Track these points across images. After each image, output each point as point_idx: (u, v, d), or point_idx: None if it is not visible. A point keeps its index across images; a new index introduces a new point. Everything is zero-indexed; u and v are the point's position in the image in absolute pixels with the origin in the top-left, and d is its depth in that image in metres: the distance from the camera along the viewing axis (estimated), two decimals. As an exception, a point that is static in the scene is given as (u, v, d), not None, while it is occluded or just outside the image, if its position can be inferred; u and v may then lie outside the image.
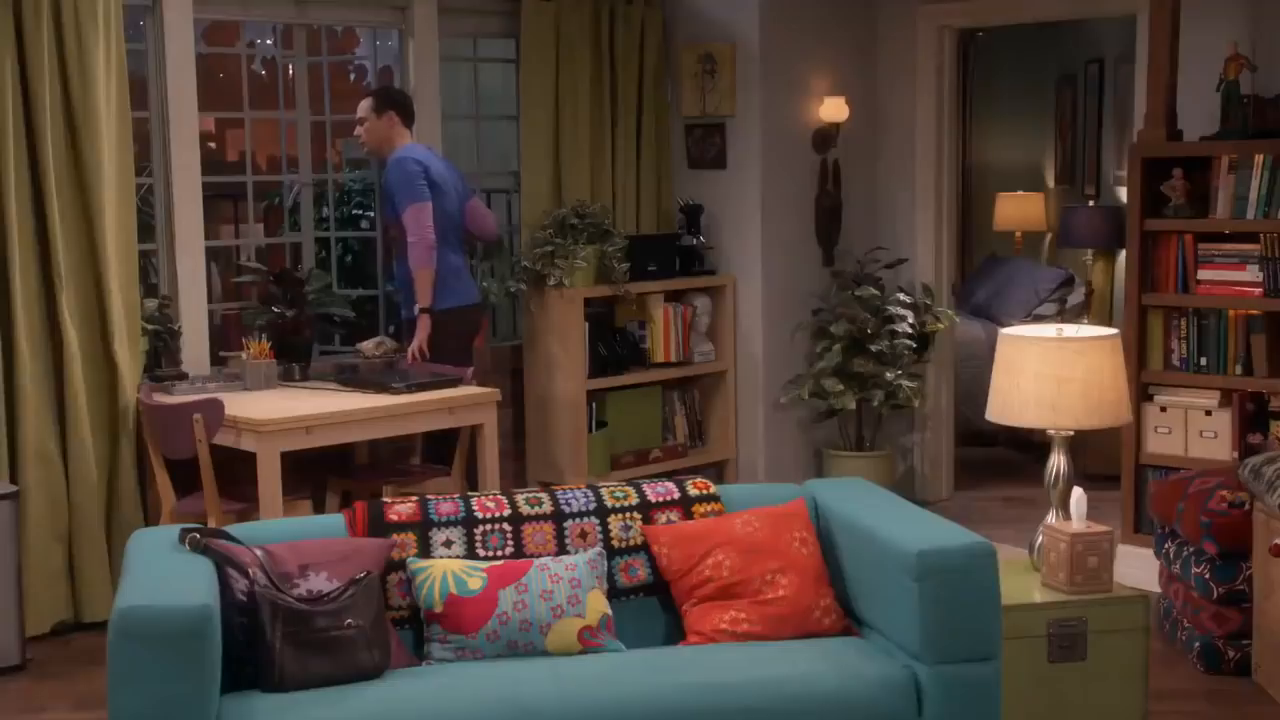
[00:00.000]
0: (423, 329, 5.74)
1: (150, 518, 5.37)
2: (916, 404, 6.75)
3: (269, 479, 4.92)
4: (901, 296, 6.78)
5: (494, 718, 3.18)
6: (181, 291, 5.70)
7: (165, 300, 5.66)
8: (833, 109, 6.85)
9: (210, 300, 5.91)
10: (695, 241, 6.82)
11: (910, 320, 6.73)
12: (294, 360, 5.79)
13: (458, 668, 3.45)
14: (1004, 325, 8.06)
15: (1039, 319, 8.42)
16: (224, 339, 6.29)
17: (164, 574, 3.26)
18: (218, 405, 4.97)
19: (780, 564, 3.67)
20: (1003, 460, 7.88)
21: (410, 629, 3.61)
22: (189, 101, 5.67)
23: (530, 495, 3.81)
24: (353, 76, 10.13)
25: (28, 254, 5.13)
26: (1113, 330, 3.93)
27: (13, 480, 5.11)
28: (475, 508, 3.75)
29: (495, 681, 3.30)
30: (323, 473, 5.65)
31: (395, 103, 5.91)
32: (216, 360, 5.83)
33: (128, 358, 5.35)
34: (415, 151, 5.81)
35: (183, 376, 5.57)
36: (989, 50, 10.03)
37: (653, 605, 3.76)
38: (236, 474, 5.14)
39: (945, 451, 7.23)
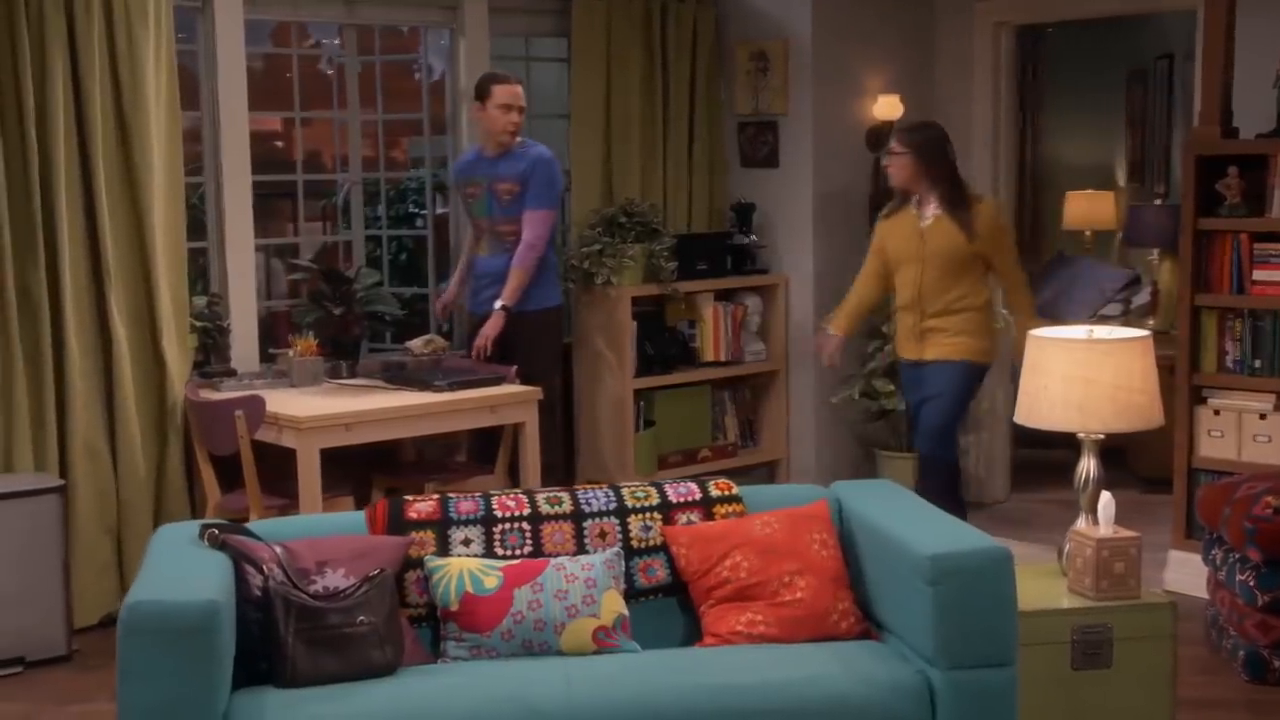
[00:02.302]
0: (497, 324, 5.71)
1: (197, 512, 5.44)
2: (969, 404, 6.65)
3: (308, 475, 4.97)
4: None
5: (501, 716, 3.18)
6: (231, 289, 5.77)
7: (215, 298, 5.74)
8: (886, 107, 6.79)
9: (270, 297, 5.99)
10: (747, 240, 6.79)
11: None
12: (343, 358, 5.85)
13: (470, 666, 3.46)
14: (1067, 326, 7.97)
15: (1104, 320, 8.29)
16: (275, 336, 6.35)
17: (178, 569, 3.30)
18: (259, 402, 5.03)
19: (798, 566, 3.65)
20: (1062, 463, 7.74)
21: (428, 627, 3.62)
22: (239, 101, 5.74)
23: (551, 495, 3.82)
24: (417, 76, 10.20)
25: (78, 251, 5.21)
26: (1143, 332, 3.86)
27: (62, 474, 5.20)
28: (495, 507, 3.76)
29: (505, 680, 3.30)
30: (368, 470, 5.69)
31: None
32: (267, 357, 5.89)
33: (176, 354, 5.43)
34: (548, 153, 5.81)
35: (231, 373, 5.64)
36: (1059, 46, 9.90)
37: (672, 606, 3.75)
38: (282, 470, 5.19)
39: (1001, 453, 7.15)
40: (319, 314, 5.86)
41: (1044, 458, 7.76)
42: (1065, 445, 7.72)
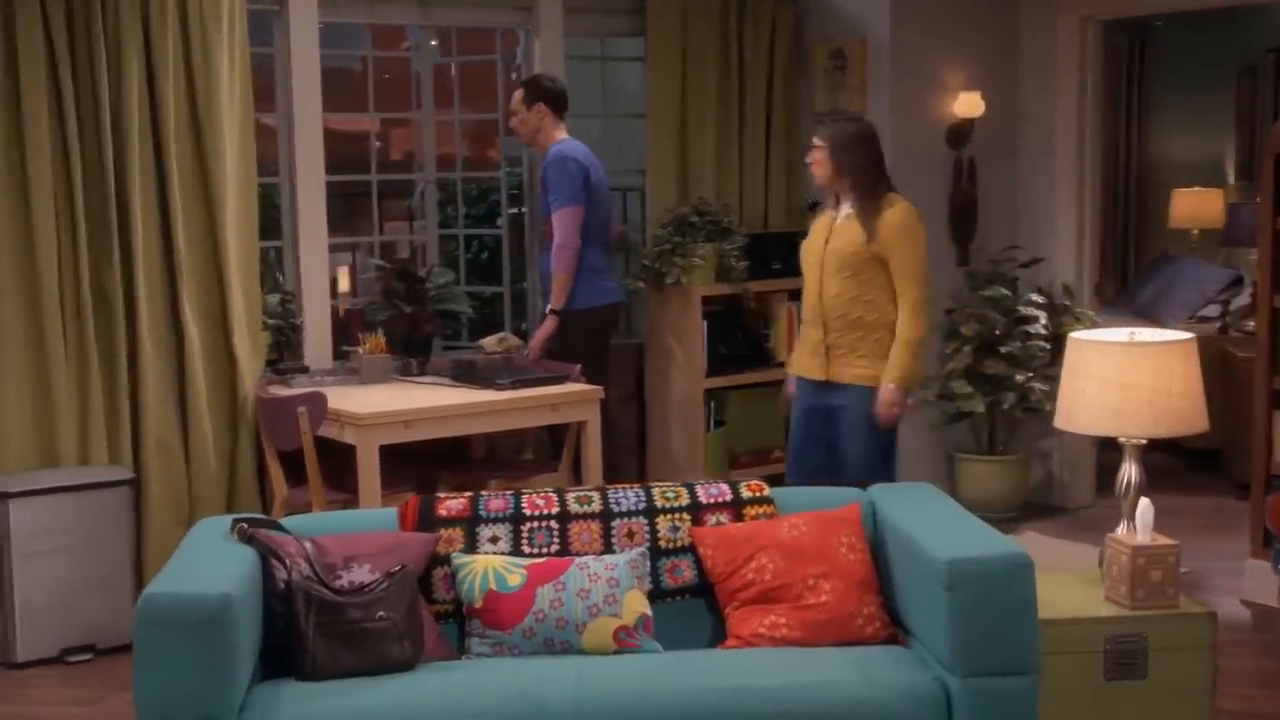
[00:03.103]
0: (547, 327, 5.79)
1: (267, 506, 5.55)
2: (1049, 407, 6.53)
3: (367, 471, 5.04)
4: (1034, 297, 6.58)
5: (509, 713, 3.20)
6: (305, 287, 5.88)
7: (288, 296, 5.85)
8: (968, 104, 6.70)
9: (355, 295, 6.08)
10: (824, 240, 6.72)
11: (1043, 321, 6.53)
12: (414, 355, 5.92)
13: (488, 663, 3.49)
14: (1166, 328, 7.79)
15: (1204, 321, 8.09)
16: (349, 334, 6.45)
17: (202, 562, 3.38)
18: (320, 399, 5.12)
19: (824, 569, 3.62)
20: (1154, 467, 7.57)
21: (454, 623, 3.66)
22: (313, 102, 5.84)
23: (581, 494, 3.83)
24: (514, 75, 10.30)
25: (151, 251, 5.35)
26: (1187, 335, 3.76)
27: (136, 468, 5.34)
28: (524, 505, 3.79)
29: (518, 678, 3.32)
30: (438, 466, 5.75)
31: (545, 94, 5.94)
32: (341, 355, 5.99)
33: (247, 351, 5.54)
34: (578, 151, 5.86)
35: (304, 370, 5.74)
36: (1167, 40, 9.68)
37: (698, 607, 3.74)
38: (348, 466, 5.26)
39: (1086, 457, 7.00)
40: (391, 312, 5.94)
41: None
42: (1155, 449, 7.65)
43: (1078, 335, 3.82)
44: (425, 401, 5.28)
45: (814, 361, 4.94)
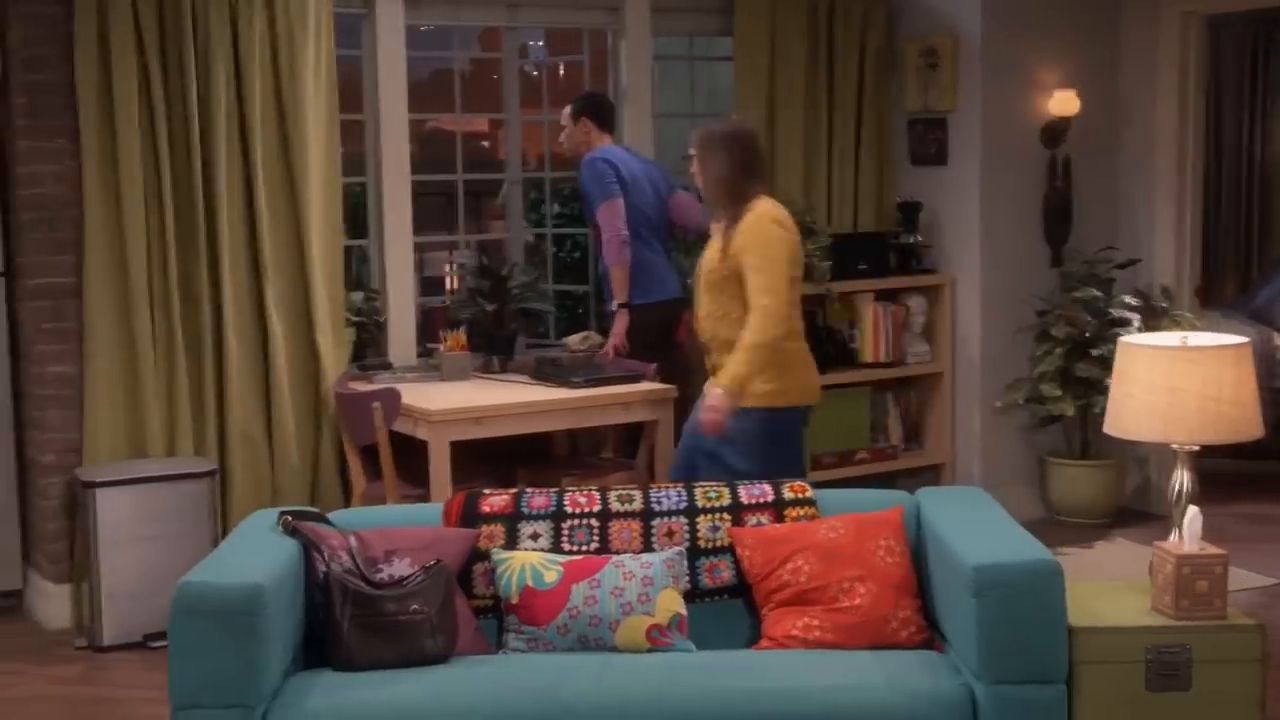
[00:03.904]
0: (619, 324, 5.84)
1: (348, 499, 5.66)
2: (1142, 412, 6.39)
3: (439, 466, 5.12)
4: (1128, 299, 6.44)
5: (529, 708, 3.24)
6: (390, 285, 5.99)
7: (373, 293, 5.96)
8: (1063, 102, 6.58)
9: (448, 292, 6.19)
10: (912, 240, 6.67)
11: (1138, 324, 6.39)
12: (496, 353, 6.00)
13: (518, 658, 3.53)
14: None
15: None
16: (434, 331, 6.55)
17: (241, 553, 3.47)
18: (394, 394, 5.21)
19: (860, 572, 3.60)
20: (1256, 473, 7.38)
21: (493, 618, 3.71)
22: (399, 103, 5.95)
23: (623, 492, 3.86)
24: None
25: (237, 249, 5.50)
26: (1241, 339, 3.66)
27: (221, 460, 5.49)
28: (566, 503, 3.83)
29: (544, 674, 3.36)
30: (516, 462, 5.82)
31: (591, 108, 6.03)
32: (425, 352, 6.09)
33: (330, 347, 5.66)
34: (606, 151, 5.91)
35: (387, 366, 5.85)
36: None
37: (736, 608, 3.75)
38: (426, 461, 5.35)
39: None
40: (474, 310, 6.02)
41: (1234, 468, 7.40)
42: (1259, 455, 7.44)
43: (1127, 339, 3.74)
44: (498, 399, 5.35)
45: (710, 385, 4.68)
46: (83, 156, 5.30)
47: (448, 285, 8.23)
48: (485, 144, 10.55)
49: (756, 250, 4.49)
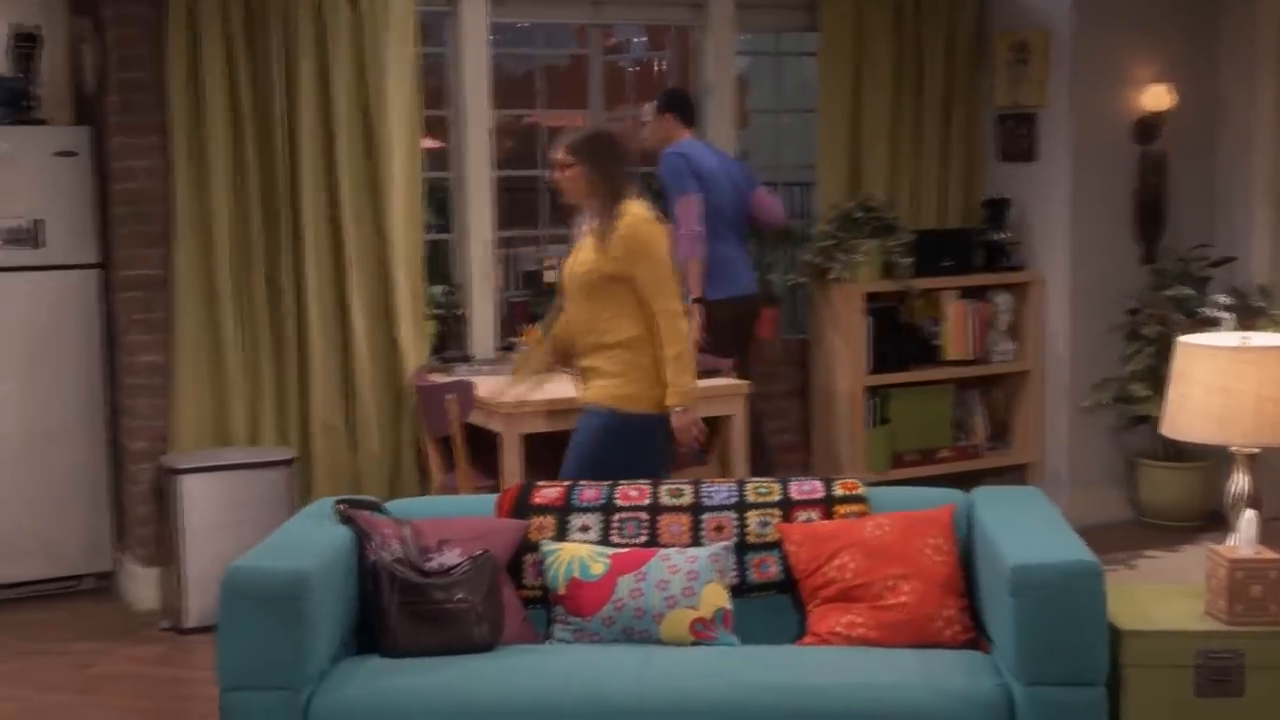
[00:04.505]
0: (694, 319, 5.85)
1: (426, 488, 5.75)
2: (1234, 413, 6.25)
3: (511, 458, 5.18)
4: (1221, 298, 6.30)
5: (568, 699, 3.27)
6: (472, 280, 6.07)
7: (453, 288, 6.05)
8: (1157, 97, 6.46)
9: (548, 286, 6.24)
10: (1000, 237, 6.59)
11: (1231, 323, 6.24)
12: (576, 347, 6.04)
13: (562, 649, 3.57)
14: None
15: None
16: (514, 325, 6.62)
17: (293, 540, 3.56)
18: (468, 387, 5.29)
19: (905, 570, 3.59)
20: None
21: (542, 608, 3.76)
22: (481, 100, 6.03)
23: (673, 487, 3.89)
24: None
25: (320, 243, 5.61)
26: (1300, 340, 3.58)
27: (303, 450, 5.62)
28: (617, 496, 3.86)
29: (585, 666, 3.40)
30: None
31: (674, 103, 6.05)
32: (506, 346, 6.16)
33: (411, 340, 5.76)
34: (683, 146, 5.93)
35: (466, 359, 5.94)
36: None
37: (784, 603, 3.75)
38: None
39: (1282, 466, 6.66)
40: (552, 304, 6.07)
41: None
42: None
43: (1186, 339, 3.67)
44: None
45: (580, 387, 4.74)
46: (172, 152, 5.45)
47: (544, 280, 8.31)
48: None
49: (646, 256, 4.48)
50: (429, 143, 6.51)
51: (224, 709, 3.29)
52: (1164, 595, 3.71)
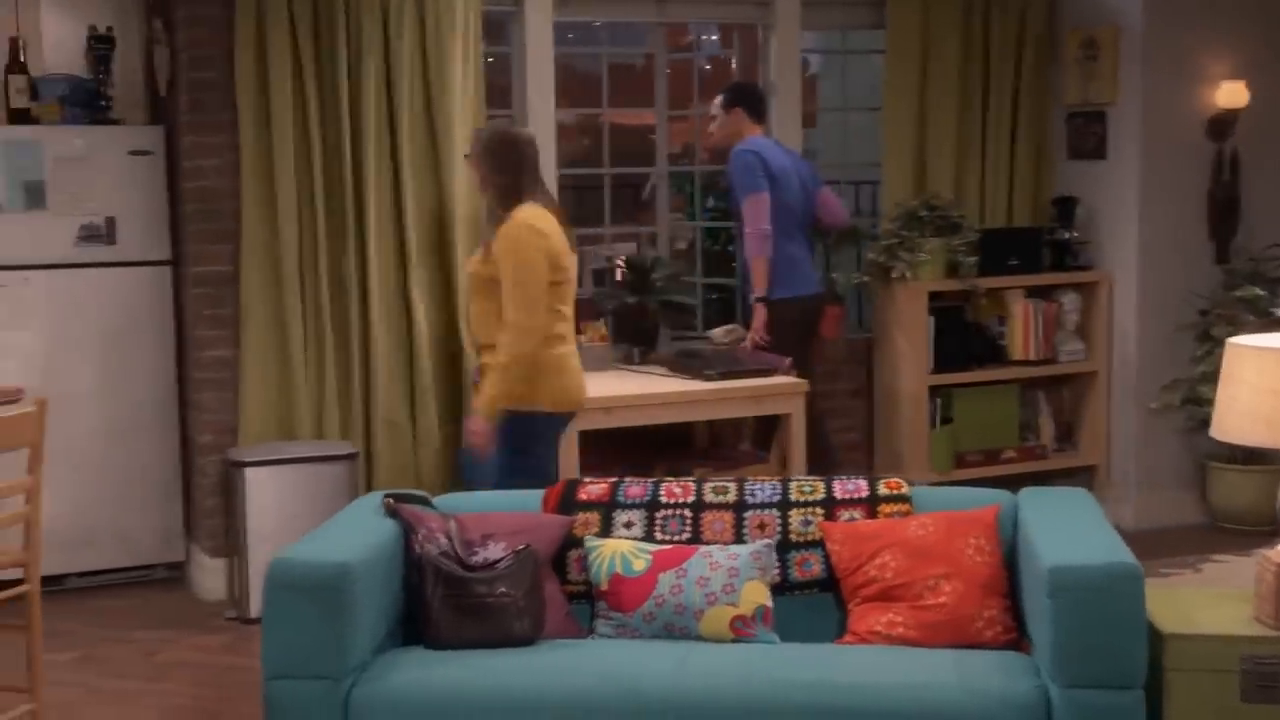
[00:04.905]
0: (758, 317, 5.87)
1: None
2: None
3: (568, 455, 5.21)
4: (1292, 299, 6.20)
5: (604, 694, 3.30)
6: (535, 277, 6.11)
7: (517, 285, 6.09)
8: (1231, 94, 6.36)
9: (617, 284, 6.29)
10: (1068, 236, 6.53)
11: (1304, 324, 6.14)
12: (639, 344, 6.08)
13: (601, 644, 3.60)
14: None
15: None
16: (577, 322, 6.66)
17: (339, 532, 3.62)
18: (527, 384, 5.33)
19: (946, 570, 3.57)
20: None
21: (586, 603, 3.79)
22: (546, 99, 6.07)
23: (717, 485, 3.90)
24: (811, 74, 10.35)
25: (384, 240, 5.69)
26: (1354, 341, 3.51)
27: (367, 444, 5.70)
28: (662, 493, 3.88)
29: (623, 661, 3.42)
30: (655, 452, 5.89)
31: (744, 98, 6.05)
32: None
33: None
34: (755, 144, 5.93)
35: (530, 356, 5.98)
36: None
37: (826, 602, 3.75)
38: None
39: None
40: (617, 302, 6.12)
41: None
42: None
43: (1235, 340, 3.62)
44: (629, 389, 5.43)
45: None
46: (240, 151, 5.55)
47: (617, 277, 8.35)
48: (652, 138, 10.66)
49: (510, 260, 4.44)
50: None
51: (267, 697, 3.35)
52: (1210, 599, 3.67)
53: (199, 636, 5.26)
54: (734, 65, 9.61)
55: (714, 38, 10.02)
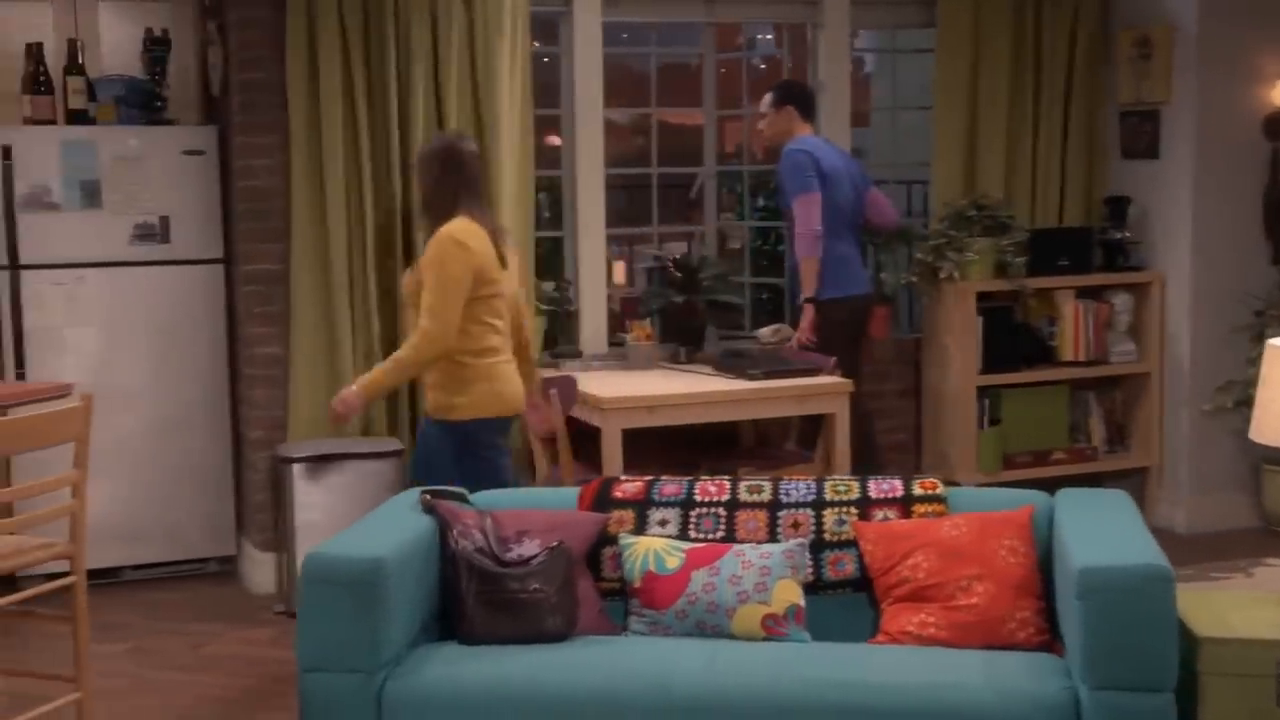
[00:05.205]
0: (806, 318, 5.87)
1: (537, 480, 5.84)
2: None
3: (611, 453, 5.24)
4: (1348, 300, 6.12)
5: (633, 690, 3.32)
6: (582, 275, 6.15)
7: (564, 284, 6.14)
8: (1287, 93, 6.29)
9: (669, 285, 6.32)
10: (1120, 236, 6.47)
11: (1361, 325, 6.06)
12: (686, 343, 6.09)
13: (634, 641, 3.62)
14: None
15: None
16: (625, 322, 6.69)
17: (375, 528, 3.66)
18: (571, 382, 5.37)
19: (979, 571, 3.56)
20: None
21: (620, 600, 3.81)
22: (594, 99, 6.10)
23: (752, 484, 3.91)
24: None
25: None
26: (1394, 343, 3.47)
27: (413, 442, 5.74)
28: (696, 491, 3.90)
29: (654, 658, 3.44)
30: (701, 451, 5.90)
31: (794, 97, 6.04)
32: (616, 341, 6.23)
33: (520, 336, 5.85)
34: (807, 143, 5.92)
35: (576, 354, 6.02)
36: None
37: (859, 601, 3.76)
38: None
39: None
40: (663, 301, 6.13)
41: None
42: None
43: (1275, 341, 3.59)
44: (673, 388, 5.44)
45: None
46: (291, 151, 5.62)
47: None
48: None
49: (431, 271, 4.45)
50: (553, 140, 6.63)
51: (302, 690, 3.40)
52: (1247, 602, 3.64)
53: (247, 630, 5.34)
54: (788, 65, 9.60)
55: (768, 37, 10.02)
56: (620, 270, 6.94)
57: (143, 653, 5.07)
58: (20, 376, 5.68)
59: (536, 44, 6.14)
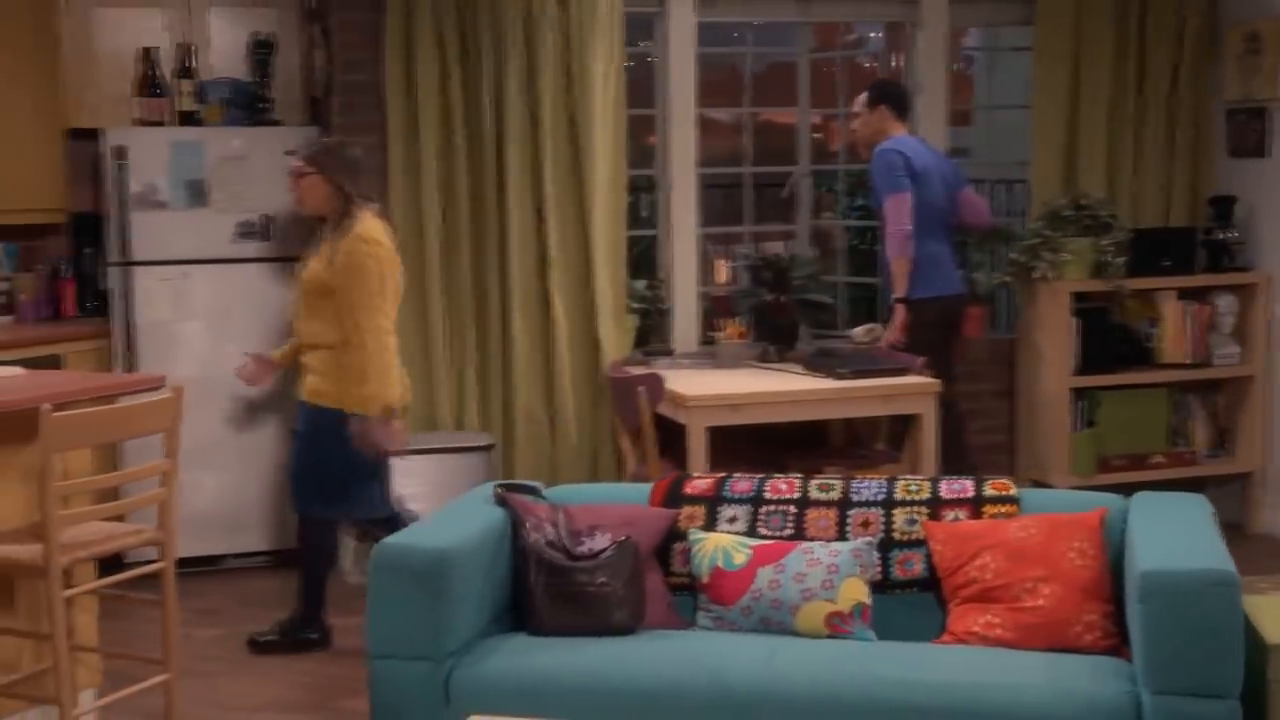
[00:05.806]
0: (896, 317, 5.85)
1: (621, 475, 5.90)
2: None
3: (696, 450, 5.28)
4: None
5: (692, 685, 3.35)
6: (675, 274, 6.20)
7: (656, 282, 6.18)
8: (1401, 89, 6.11)
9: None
10: (1224, 236, 6.34)
11: None
12: (777, 342, 6.10)
13: (698, 636, 3.65)
14: None
15: None
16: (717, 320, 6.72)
17: (448, 520, 3.74)
18: (658, 380, 5.41)
19: (1046, 573, 3.54)
20: None
21: (689, 595, 3.85)
22: (686, 98, 6.15)
23: (823, 481, 3.92)
24: (955, 66, 10.22)
25: (525, 239, 5.83)
26: None
27: (506, 437, 5.84)
28: (767, 489, 3.92)
29: (715, 653, 3.46)
30: (789, 449, 5.91)
31: (889, 96, 6.02)
32: (708, 340, 6.27)
33: (611, 335, 5.93)
34: (900, 143, 5.90)
35: (668, 352, 6.07)
36: None
37: (927, 601, 3.75)
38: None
39: None
40: (755, 300, 6.16)
41: None
42: None
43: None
44: (759, 387, 5.46)
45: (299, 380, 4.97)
46: (389, 151, 5.74)
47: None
48: (818, 135, 10.66)
49: (352, 275, 4.65)
50: (655, 140, 6.68)
51: (372, 676, 3.50)
52: (1325, 610, 3.55)
53: (339, 618, 5.44)
54: (892, 64, 9.55)
55: (879, 34, 9.97)
56: (721, 269, 6.96)
57: (236, 638, 5.20)
58: (130, 369, 5.88)
59: (642, 44, 6.20)
